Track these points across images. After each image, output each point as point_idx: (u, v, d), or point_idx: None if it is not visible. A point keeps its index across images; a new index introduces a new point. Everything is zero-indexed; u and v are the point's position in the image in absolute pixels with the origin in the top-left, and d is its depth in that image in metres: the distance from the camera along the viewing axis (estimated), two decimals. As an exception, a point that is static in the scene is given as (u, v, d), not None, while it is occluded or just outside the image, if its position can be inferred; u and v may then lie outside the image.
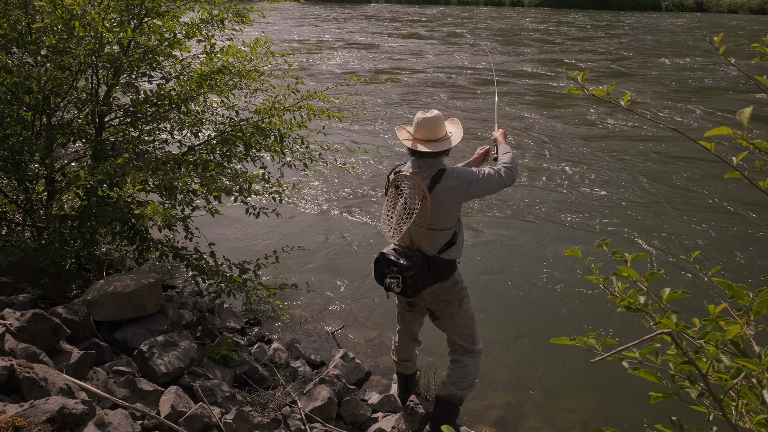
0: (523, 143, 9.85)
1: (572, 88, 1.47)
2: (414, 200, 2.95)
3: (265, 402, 3.25)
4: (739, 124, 1.11)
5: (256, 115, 4.39)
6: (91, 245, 4.03)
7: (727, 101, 13.41)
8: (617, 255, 1.29)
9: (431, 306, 3.24)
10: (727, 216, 6.93)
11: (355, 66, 17.93)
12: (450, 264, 3.07)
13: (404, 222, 2.99)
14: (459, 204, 3.02)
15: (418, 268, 2.91)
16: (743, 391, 1.05)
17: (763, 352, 1.03)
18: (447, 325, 3.26)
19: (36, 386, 2.44)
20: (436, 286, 3.08)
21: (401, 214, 3.00)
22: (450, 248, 3.06)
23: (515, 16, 41.41)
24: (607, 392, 3.92)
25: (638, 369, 1.19)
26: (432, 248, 3.02)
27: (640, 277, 1.22)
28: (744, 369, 1.00)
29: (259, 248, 5.82)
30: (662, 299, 1.18)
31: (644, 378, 1.16)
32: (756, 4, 45.99)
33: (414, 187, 2.95)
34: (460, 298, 3.15)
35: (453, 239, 3.06)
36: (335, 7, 46.18)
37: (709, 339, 1.05)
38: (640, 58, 20.47)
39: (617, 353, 1.11)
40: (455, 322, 3.21)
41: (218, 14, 4.35)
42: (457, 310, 3.17)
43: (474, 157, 3.48)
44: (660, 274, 1.26)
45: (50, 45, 3.79)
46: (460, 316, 3.19)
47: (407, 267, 2.91)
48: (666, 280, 5.30)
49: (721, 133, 1.09)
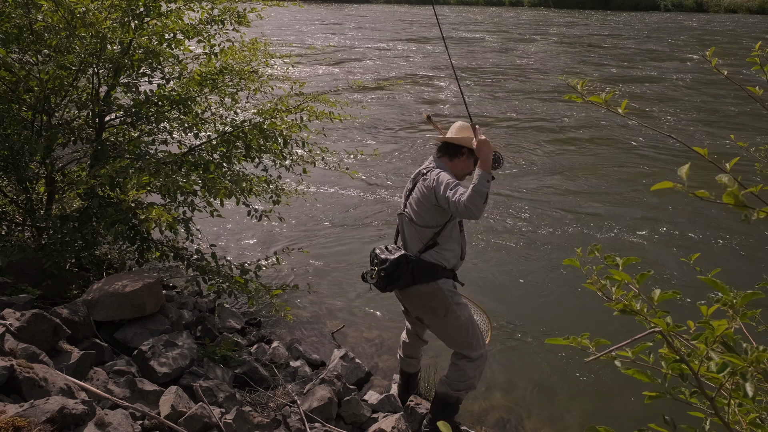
0: (524, 143, 9.86)
1: (572, 95, 1.50)
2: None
3: (265, 402, 3.26)
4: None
5: (258, 116, 4.40)
6: (92, 246, 4.04)
7: (728, 102, 13.41)
8: (609, 260, 1.31)
9: (414, 312, 3.29)
10: (724, 216, 6.92)
11: (358, 69, 17.93)
12: (430, 267, 3.06)
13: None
14: (433, 205, 3.00)
15: (394, 264, 3.04)
16: (735, 394, 1.06)
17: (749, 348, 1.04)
18: (436, 332, 3.31)
19: (36, 386, 2.44)
20: (414, 289, 3.09)
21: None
22: (431, 250, 3.08)
23: (513, 16, 41.40)
24: (606, 393, 3.92)
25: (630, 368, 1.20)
26: (415, 247, 3.12)
27: (631, 279, 1.24)
28: (730, 364, 1.02)
29: (260, 250, 5.83)
30: (654, 300, 1.20)
31: (638, 378, 1.17)
32: (755, 4, 45.97)
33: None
34: (445, 306, 3.10)
35: (435, 240, 3.07)
36: (334, 7, 46.18)
37: (701, 338, 1.06)
38: (639, 60, 20.47)
39: (610, 352, 1.12)
40: (444, 330, 3.22)
41: (218, 15, 4.36)
42: (444, 318, 3.14)
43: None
44: (650, 275, 1.29)
45: (51, 45, 3.80)
46: (448, 324, 3.16)
47: (383, 260, 3.08)
48: (666, 281, 5.31)
49: (664, 186, 1.15)
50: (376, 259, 3.14)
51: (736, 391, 1.06)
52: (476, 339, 3.21)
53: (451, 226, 3.09)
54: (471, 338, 3.18)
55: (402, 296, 3.24)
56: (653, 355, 1.20)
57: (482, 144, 2.83)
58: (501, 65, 18.58)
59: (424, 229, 3.08)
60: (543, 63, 19.31)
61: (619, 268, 1.26)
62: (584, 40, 26.23)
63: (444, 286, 3.09)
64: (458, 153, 3.14)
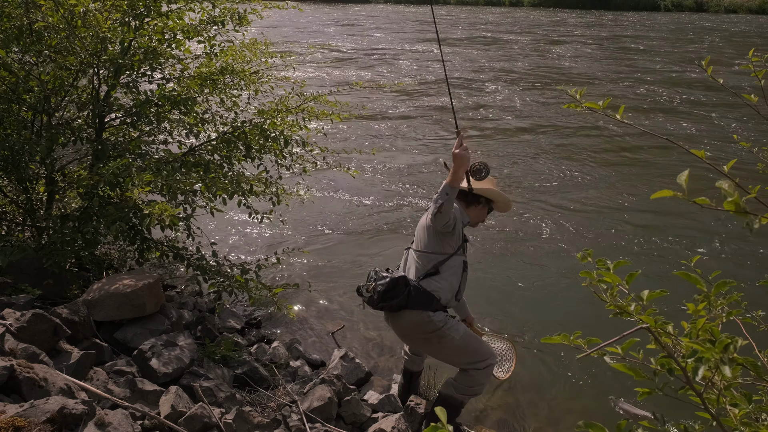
0: (522, 144, 9.86)
1: (571, 104, 1.53)
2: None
3: (265, 402, 3.27)
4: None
5: (258, 117, 4.40)
6: (93, 245, 4.05)
7: (727, 102, 13.39)
8: (600, 263, 1.35)
9: (404, 340, 3.34)
10: (720, 218, 6.92)
11: (358, 70, 17.94)
12: (426, 296, 3.05)
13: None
14: (436, 231, 3.07)
15: (393, 282, 3.04)
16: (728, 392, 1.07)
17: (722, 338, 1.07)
18: (437, 358, 3.37)
19: (36, 386, 2.45)
20: (406, 314, 3.07)
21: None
22: (431, 278, 3.09)
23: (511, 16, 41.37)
24: (607, 392, 3.92)
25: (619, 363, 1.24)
26: (416, 273, 3.14)
27: (621, 280, 1.28)
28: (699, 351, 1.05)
29: (260, 249, 5.84)
30: (643, 300, 1.23)
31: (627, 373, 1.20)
32: (755, 4, 45.95)
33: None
34: (438, 335, 3.08)
35: (437, 269, 3.09)
36: (340, 7, 46.15)
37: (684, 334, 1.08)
38: (638, 61, 20.45)
39: (600, 349, 1.14)
40: (444, 355, 3.26)
41: (219, 15, 4.36)
42: (439, 345, 3.13)
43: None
44: (638, 274, 1.35)
45: (51, 45, 3.80)
46: (445, 348, 3.15)
47: (382, 277, 3.09)
48: (667, 282, 5.31)
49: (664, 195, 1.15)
50: (375, 275, 3.16)
51: (730, 393, 1.08)
52: (479, 350, 3.21)
53: (456, 260, 3.13)
54: (473, 354, 3.18)
55: (392, 321, 3.21)
56: (642, 352, 1.24)
57: (456, 157, 2.84)
58: (522, 69, 18.58)
59: (428, 254, 3.12)
60: (578, 68, 19.29)
61: (611, 271, 1.29)
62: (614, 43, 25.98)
63: (434, 318, 3.07)
64: (476, 201, 3.30)
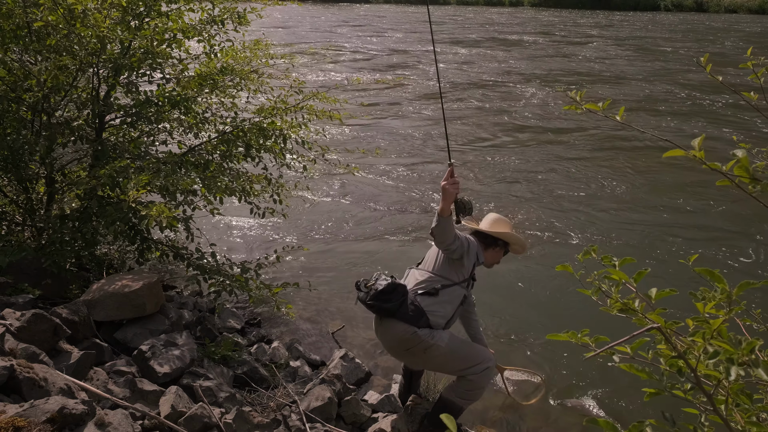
0: (522, 146, 9.85)
1: (571, 106, 1.52)
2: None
3: (265, 402, 3.26)
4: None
5: (257, 115, 4.39)
6: (92, 245, 4.04)
7: (726, 103, 13.40)
8: (606, 260, 1.32)
9: (389, 351, 3.30)
10: (718, 220, 6.93)
11: (358, 69, 17.94)
12: (418, 311, 3.03)
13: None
14: (446, 257, 3.14)
15: (392, 286, 3.05)
16: (733, 391, 1.06)
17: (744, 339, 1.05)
18: (428, 368, 3.39)
19: (36, 386, 2.44)
20: (392, 323, 3.05)
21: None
22: (429, 297, 3.08)
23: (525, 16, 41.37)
24: (607, 392, 3.92)
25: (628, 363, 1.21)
26: (417, 287, 3.15)
27: (629, 278, 1.25)
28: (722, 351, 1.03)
29: (260, 249, 5.83)
30: (651, 299, 1.21)
31: (638, 375, 1.18)
32: (755, 4, 46.01)
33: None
34: (423, 346, 3.03)
35: (437, 291, 3.09)
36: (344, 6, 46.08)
37: (698, 334, 1.07)
38: (638, 61, 20.46)
39: (609, 349, 1.12)
40: (434, 364, 3.23)
41: (219, 15, 4.35)
42: (425, 355, 3.08)
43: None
44: (647, 272, 1.31)
45: (50, 45, 3.79)
46: (433, 358, 3.10)
47: (385, 279, 3.12)
48: (667, 282, 5.31)
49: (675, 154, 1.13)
50: (378, 276, 3.18)
51: (736, 394, 1.07)
52: (471, 355, 3.17)
53: (457, 290, 3.13)
54: (465, 360, 3.15)
55: (381, 333, 3.19)
56: (652, 352, 1.21)
57: (443, 190, 2.89)
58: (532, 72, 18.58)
59: (432, 275, 3.15)
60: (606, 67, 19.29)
61: (616, 267, 1.26)
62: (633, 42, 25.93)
63: (420, 333, 3.03)
64: (494, 244, 3.36)
